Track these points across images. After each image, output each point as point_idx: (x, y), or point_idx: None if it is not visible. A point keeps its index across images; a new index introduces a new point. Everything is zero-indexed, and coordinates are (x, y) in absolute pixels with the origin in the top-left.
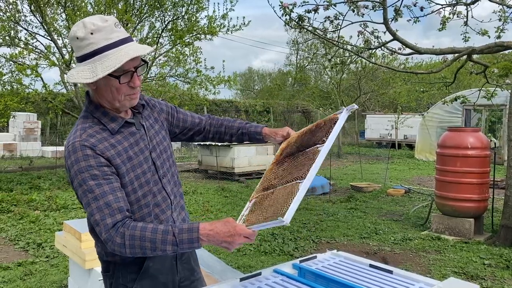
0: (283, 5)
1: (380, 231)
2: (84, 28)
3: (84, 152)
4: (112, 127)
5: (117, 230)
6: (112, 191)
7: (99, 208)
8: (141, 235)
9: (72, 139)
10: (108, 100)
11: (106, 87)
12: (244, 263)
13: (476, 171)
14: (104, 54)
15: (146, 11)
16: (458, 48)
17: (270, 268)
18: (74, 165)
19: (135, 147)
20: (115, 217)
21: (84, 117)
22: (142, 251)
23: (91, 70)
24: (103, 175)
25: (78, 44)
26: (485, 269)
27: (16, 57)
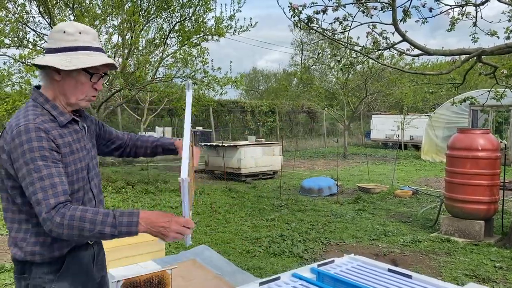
0: (292, 6)
1: (389, 232)
2: (74, 27)
3: (38, 134)
4: (61, 120)
5: (58, 210)
6: (59, 175)
7: (44, 188)
8: (81, 216)
9: (23, 121)
10: (68, 94)
11: (73, 81)
12: (253, 265)
13: (486, 173)
14: (86, 52)
15: (154, 12)
16: (468, 49)
17: (288, 273)
18: (24, 144)
19: (77, 143)
20: (58, 199)
21: (34, 106)
22: (79, 232)
23: (68, 61)
24: (52, 158)
25: (63, 37)
26: (496, 271)
27: (25, 58)
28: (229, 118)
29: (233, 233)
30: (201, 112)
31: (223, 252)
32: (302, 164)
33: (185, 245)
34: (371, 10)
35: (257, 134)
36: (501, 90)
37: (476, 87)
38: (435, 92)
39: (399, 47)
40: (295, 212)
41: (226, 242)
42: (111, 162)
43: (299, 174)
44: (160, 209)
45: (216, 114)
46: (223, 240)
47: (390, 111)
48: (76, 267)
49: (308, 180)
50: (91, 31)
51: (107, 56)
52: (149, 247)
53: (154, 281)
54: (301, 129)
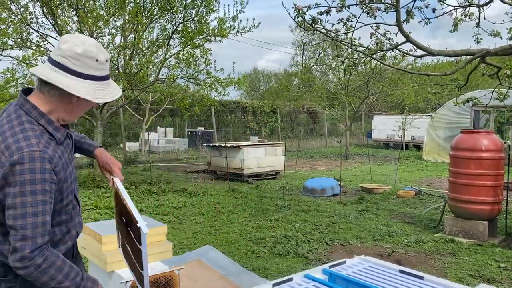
0: (296, 7)
1: (393, 233)
2: (104, 54)
3: (42, 165)
4: (58, 137)
5: (41, 252)
6: (49, 212)
7: (35, 224)
8: (59, 266)
9: (26, 145)
10: (73, 114)
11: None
12: (259, 265)
13: (490, 173)
14: (105, 82)
15: (157, 13)
16: (472, 50)
17: (301, 273)
18: (26, 173)
19: (70, 157)
20: (44, 239)
21: (30, 123)
22: (47, 279)
23: (99, 92)
24: (50, 193)
25: (94, 65)
26: (501, 272)
27: (29, 59)
28: (231, 118)
29: (237, 233)
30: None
31: (228, 252)
32: (304, 165)
33: (190, 246)
34: (375, 11)
35: (258, 134)
36: (504, 90)
37: (477, 87)
38: (438, 92)
39: (403, 48)
40: (299, 212)
41: (230, 243)
42: None
43: (302, 175)
44: (164, 210)
45: (218, 114)
46: (227, 241)
47: (391, 111)
48: None
49: (311, 180)
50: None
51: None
52: (156, 248)
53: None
54: (302, 129)
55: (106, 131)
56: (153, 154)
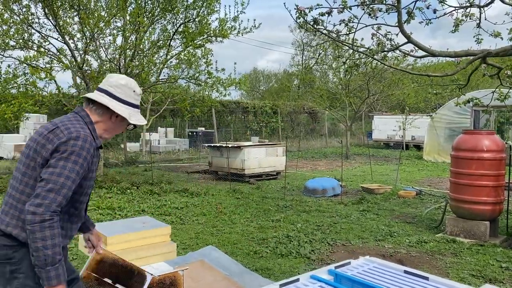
0: (298, 8)
1: (394, 233)
2: (139, 89)
3: (89, 147)
4: (97, 142)
5: (54, 212)
6: (75, 184)
7: (64, 185)
8: (55, 234)
9: (82, 131)
10: (109, 131)
11: (119, 125)
12: (261, 266)
13: (491, 173)
14: (137, 111)
15: (158, 13)
16: (473, 51)
17: (307, 274)
18: (77, 147)
19: (96, 164)
20: (62, 202)
21: (84, 124)
22: (40, 237)
23: (132, 115)
24: (83, 170)
25: (132, 94)
26: (502, 272)
27: (30, 60)
28: (231, 118)
29: (239, 234)
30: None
31: (230, 252)
32: (305, 165)
33: (193, 246)
34: (376, 12)
35: (259, 134)
36: (505, 91)
37: (477, 88)
38: (439, 93)
39: (404, 49)
40: (300, 212)
41: (233, 243)
42: (114, 163)
43: (302, 175)
44: (166, 210)
45: (218, 114)
46: (229, 241)
47: (392, 111)
48: None
49: (312, 180)
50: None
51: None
52: (161, 249)
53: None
54: (302, 130)
55: None
56: (154, 155)
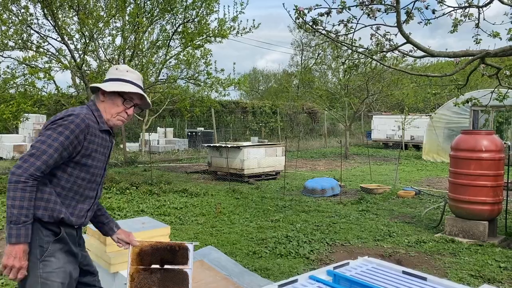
0: (298, 9)
1: (393, 233)
2: (124, 67)
3: (80, 123)
4: (101, 125)
5: (30, 175)
6: (59, 155)
7: (45, 151)
8: (24, 197)
9: (78, 110)
10: (106, 111)
11: (111, 101)
12: (260, 266)
13: (490, 173)
14: (127, 84)
15: (157, 14)
16: (472, 51)
17: (305, 275)
18: (67, 120)
19: (103, 148)
20: (41, 167)
21: (87, 109)
22: (11, 195)
23: (110, 85)
24: (69, 145)
25: (114, 71)
26: (501, 272)
27: (29, 60)
28: (231, 118)
29: (238, 234)
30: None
31: (230, 253)
32: (304, 165)
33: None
34: (375, 12)
35: (258, 134)
36: (504, 91)
37: (476, 87)
38: (438, 93)
39: (403, 49)
40: (299, 212)
41: (232, 243)
42: (113, 163)
43: (302, 175)
44: (165, 210)
45: (218, 114)
46: (229, 241)
47: (391, 111)
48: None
49: (311, 180)
50: (137, 73)
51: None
52: None
53: (176, 248)
54: (302, 130)
55: None
56: (153, 155)
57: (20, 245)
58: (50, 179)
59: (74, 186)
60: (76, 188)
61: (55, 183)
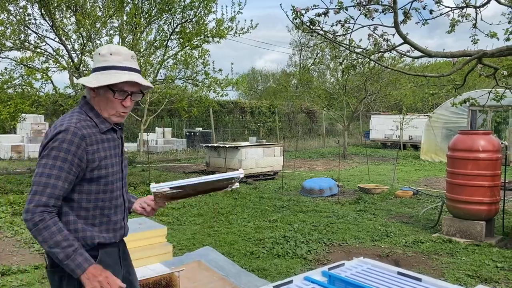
0: (295, 9)
1: (391, 233)
2: (107, 48)
3: (72, 138)
4: (101, 127)
5: (42, 212)
6: (65, 180)
7: (46, 184)
8: (53, 232)
9: (66, 122)
10: (101, 109)
11: (103, 97)
12: (258, 266)
13: (487, 174)
14: (112, 71)
15: (155, 14)
16: (469, 51)
17: (301, 276)
18: (57, 140)
19: (112, 150)
20: (49, 201)
21: (79, 113)
22: (42, 240)
23: (95, 79)
24: (70, 163)
25: (97, 58)
26: (498, 272)
27: (27, 61)
28: (229, 118)
29: (236, 234)
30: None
31: (227, 253)
32: (302, 165)
33: (190, 247)
34: (373, 12)
35: (257, 134)
36: (501, 91)
37: (474, 87)
38: (436, 93)
39: (400, 49)
40: (297, 213)
41: (229, 244)
42: None
43: (300, 175)
44: (163, 211)
45: (216, 114)
46: (226, 241)
47: (389, 111)
48: (108, 261)
49: (309, 180)
50: (124, 52)
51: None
52: (156, 250)
53: (162, 283)
54: (300, 129)
55: None
56: (152, 155)
57: (87, 270)
58: (70, 206)
59: (98, 203)
60: (101, 204)
61: (77, 208)
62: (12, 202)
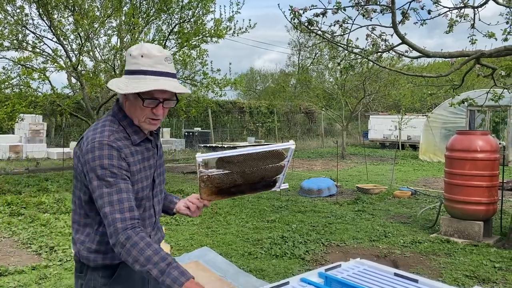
0: (293, 9)
1: (389, 234)
2: (139, 49)
3: (110, 152)
4: (134, 138)
5: (124, 230)
6: (127, 190)
7: (111, 202)
8: (142, 248)
9: (99, 137)
10: (132, 115)
11: (133, 104)
12: (256, 267)
13: (485, 174)
14: (142, 77)
15: (153, 14)
16: (467, 52)
17: (297, 277)
18: (96, 160)
19: (146, 162)
20: (124, 215)
21: (112, 121)
22: (133, 261)
23: (125, 84)
24: (120, 176)
25: (129, 60)
26: (496, 272)
27: (25, 61)
28: (228, 118)
29: (234, 234)
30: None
31: (225, 253)
32: (301, 165)
33: (188, 247)
34: (371, 13)
35: (255, 134)
36: (499, 91)
37: (473, 88)
38: (434, 93)
39: (398, 49)
40: (295, 213)
41: (227, 244)
42: None
43: (298, 175)
44: None
45: (215, 114)
46: (224, 242)
47: (388, 111)
48: (130, 274)
49: (308, 181)
50: (156, 53)
51: (170, 81)
52: None
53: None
54: (299, 130)
55: None
56: None
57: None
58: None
59: None
60: None
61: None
62: (9, 202)
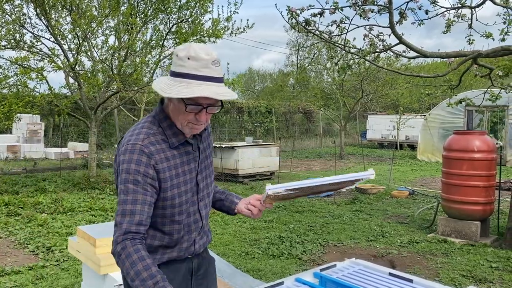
0: (290, 9)
1: (386, 233)
2: (186, 50)
3: (139, 157)
4: (172, 141)
5: (123, 240)
6: (143, 203)
7: (124, 211)
8: (134, 261)
9: (134, 139)
10: (174, 118)
11: (176, 107)
12: (253, 267)
13: (482, 174)
14: (186, 81)
15: (151, 14)
16: (464, 52)
17: (292, 277)
18: (125, 163)
19: (185, 165)
20: (130, 228)
21: (151, 123)
22: (124, 272)
23: (169, 86)
24: (143, 184)
25: (175, 60)
26: (492, 272)
27: (22, 61)
28: (226, 118)
29: (231, 234)
30: None
31: (222, 253)
32: (299, 165)
33: None
34: (368, 13)
35: (254, 134)
36: (497, 91)
37: (471, 88)
38: (432, 94)
39: (396, 49)
40: (293, 213)
41: (225, 244)
42: (108, 164)
43: (296, 175)
44: None
45: (213, 114)
46: (221, 242)
47: (386, 111)
48: (171, 277)
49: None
50: (203, 56)
51: (215, 86)
52: None
53: None
54: (297, 129)
55: (100, 132)
56: None
57: None
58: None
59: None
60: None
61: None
62: (7, 202)
